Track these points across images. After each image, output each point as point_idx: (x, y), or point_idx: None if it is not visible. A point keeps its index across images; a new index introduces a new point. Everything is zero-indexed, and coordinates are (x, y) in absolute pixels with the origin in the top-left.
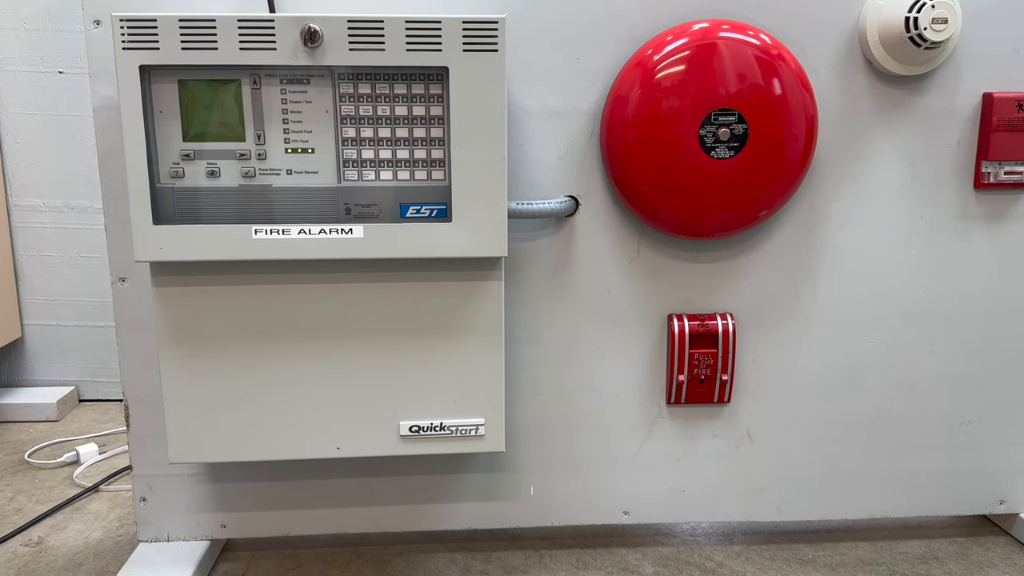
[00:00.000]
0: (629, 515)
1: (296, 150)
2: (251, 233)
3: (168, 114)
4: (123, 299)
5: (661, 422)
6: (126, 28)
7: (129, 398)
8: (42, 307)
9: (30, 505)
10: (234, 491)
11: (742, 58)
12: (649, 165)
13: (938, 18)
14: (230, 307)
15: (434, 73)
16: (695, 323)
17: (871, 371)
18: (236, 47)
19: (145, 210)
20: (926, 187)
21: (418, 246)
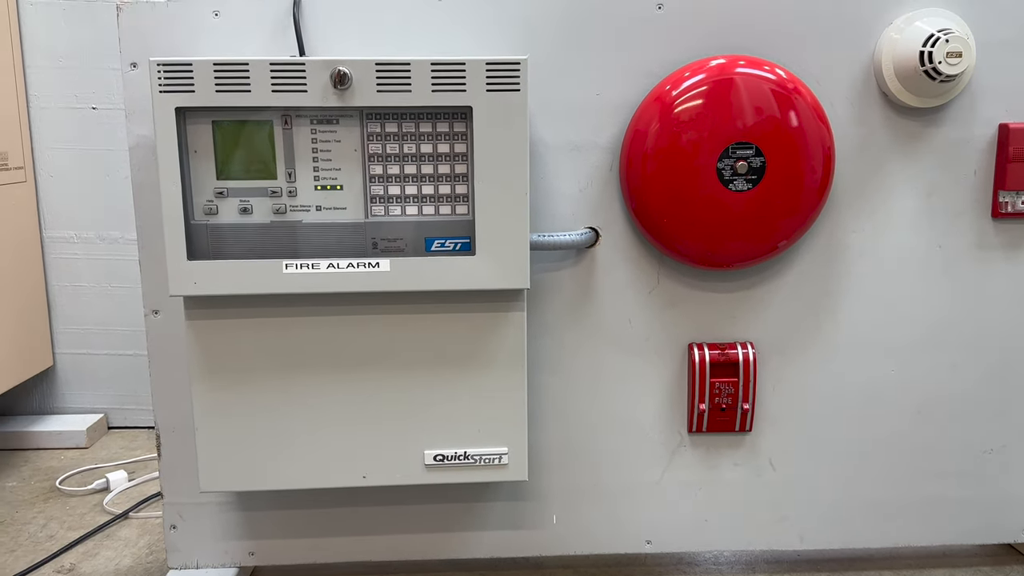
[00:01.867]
0: (652, 544)
1: (325, 187)
2: (282, 267)
3: (202, 153)
4: (156, 331)
5: (683, 451)
6: (163, 72)
7: (161, 427)
8: (73, 336)
9: (62, 532)
10: (262, 519)
11: (759, 93)
12: (668, 197)
13: (952, 52)
14: (261, 339)
15: (458, 112)
16: (716, 352)
17: (892, 399)
18: (268, 89)
19: (180, 246)
20: (944, 217)
21: (442, 279)
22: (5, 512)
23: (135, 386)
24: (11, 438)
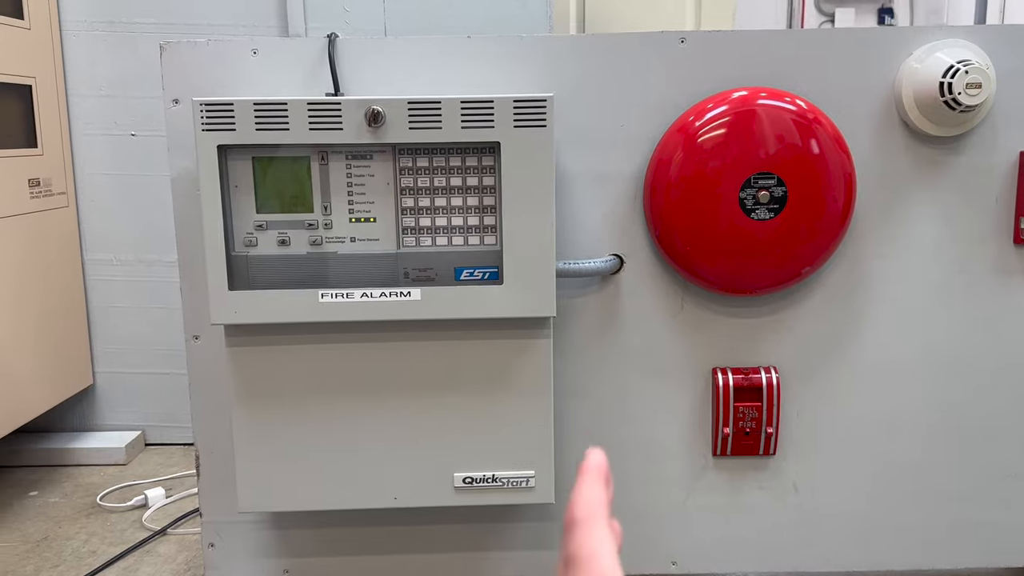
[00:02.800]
0: (677, 565)
1: (359, 219)
2: (318, 297)
3: (243, 188)
4: (196, 355)
5: (707, 474)
6: (206, 111)
7: (200, 448)
8: (112, 355)
9: (103, 547)
10: (296, 538)
11: (780, 123)
12: (691, 225)
13: (972, 83)
14: (298, 365)
15: (487, 147)
16: (739, 377)
17: (915, 423)
18: (306, 128)
19: (221, 276)
20: (965, 243)
21: (472, 307)
22: (49, 527)
23: (171, 404)
24: (53, 455)
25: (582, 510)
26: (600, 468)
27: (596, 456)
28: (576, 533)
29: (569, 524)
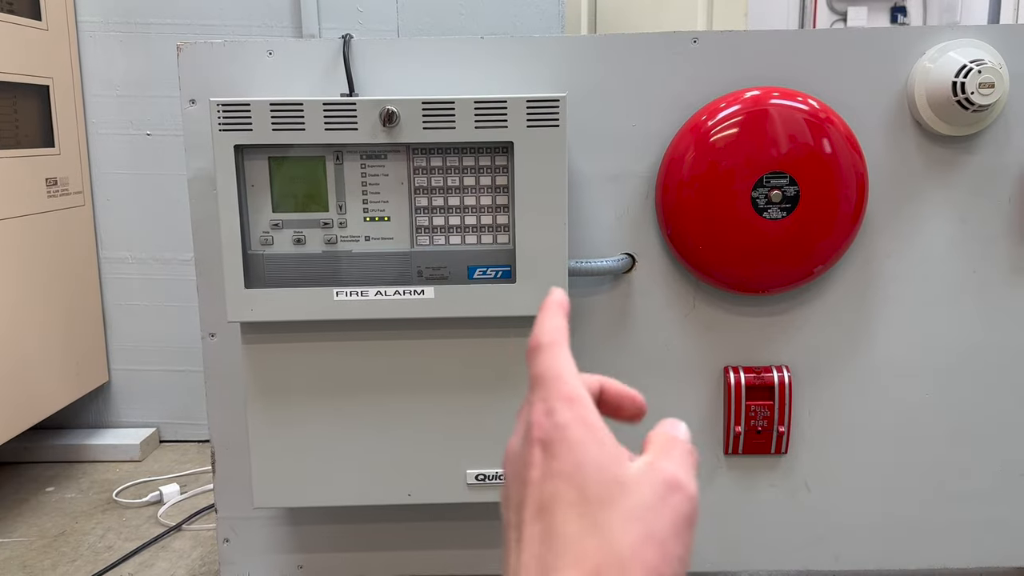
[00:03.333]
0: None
1: (374, 218)
2: (332, 295)
3: (259, 188)
4: (212, 353)
5: (719, 472)
6: (223, 112)
7: (216, 445)
8: (128, 353)
9: (119, 543)
10: (311, 533)
11: (792, 123)
12: (703, 224)
13: (985, 83)
14: (313, 363)
15: (500, 147)
16: (751, 375)
17: (927, 422)
18: (321, 128)
19: (238, 275)
20: (978, 242)
21: (484, 305)
22: (66, 523)
23: (186, 401)
24: (69, 451)
25: (546, 336)
26: (561, 303)
27: (558, 293)
28: (542, 356)
29: (534, 349)
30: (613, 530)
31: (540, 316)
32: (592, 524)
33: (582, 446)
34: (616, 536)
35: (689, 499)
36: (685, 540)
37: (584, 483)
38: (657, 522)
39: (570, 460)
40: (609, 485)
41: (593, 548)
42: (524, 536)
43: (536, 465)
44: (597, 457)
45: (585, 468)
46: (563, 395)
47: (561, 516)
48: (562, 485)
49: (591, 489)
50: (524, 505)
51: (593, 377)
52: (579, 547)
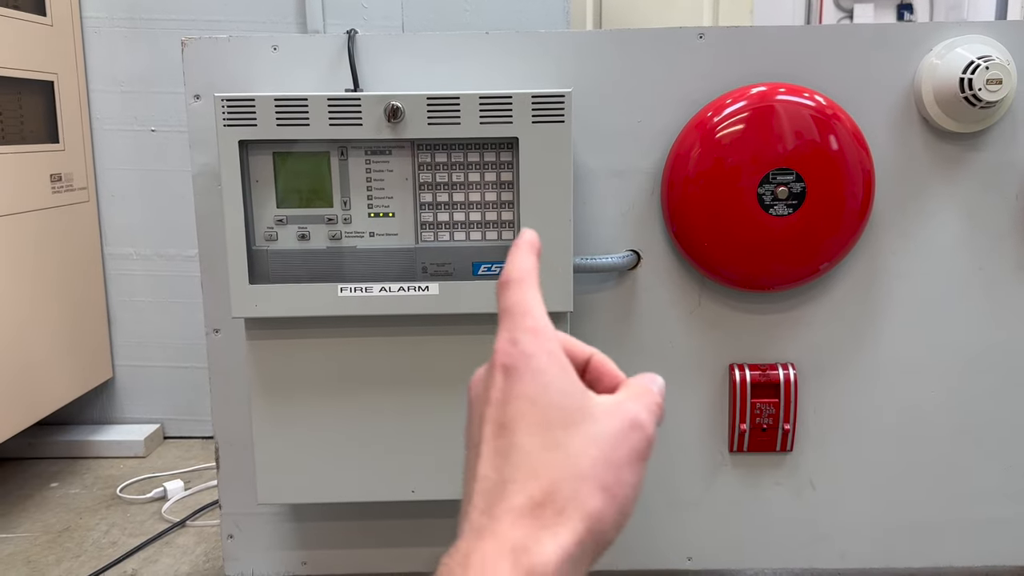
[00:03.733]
0: (693, 560)
1: (378, 214)
2: (337, 291)
3: (263, 183)
4: (216, 349)
5: (724, 470)
6: (227, 107)
7: (220, 441)
8: (132, 349)
9: (123, 538)
10: (315, 530)
11: (799, 119)
12: (708, 221)
13: (992, 79)
14: (317, 359)
15: (505, 143)
16: (757, 373)
17: (933, 420)
18: (326, 123)
19: (242, 270)
20: (985, 239)
21: (489, 302)
22: (71, 518)
23: (190, 398)
24: (73, 447)
25: (516, 273)
26: (532, 242)
27: (529, 233)
28: (510, 291)
29: (503, 284)
30: (573, 449)
31: (511, 255)
32: (553, 442)
33: (546, 374)
34: (575, 454)
35: (647, 438)
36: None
37: (548, 406)
38: (615, 451)
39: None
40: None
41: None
42: (483, 451)
43: (499, 387)
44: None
45: (549, 393)
46: (529, 327)
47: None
48: (525, 405)
49: (554, 412)
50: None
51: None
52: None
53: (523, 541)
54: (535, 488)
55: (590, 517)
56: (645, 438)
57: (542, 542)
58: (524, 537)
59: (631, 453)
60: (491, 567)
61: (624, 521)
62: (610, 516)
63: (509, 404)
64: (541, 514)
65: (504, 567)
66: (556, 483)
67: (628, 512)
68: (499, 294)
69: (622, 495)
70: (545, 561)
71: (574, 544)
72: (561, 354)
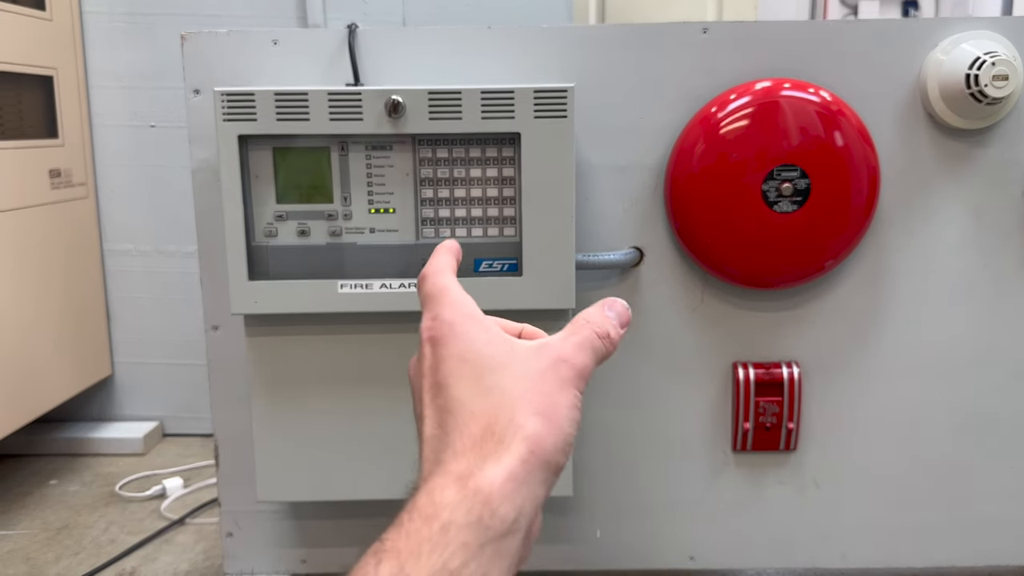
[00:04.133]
0: (695, 560)
1: (379, 210)
2: (337, 287)
3: (263, 179)
4: (215, 346)
5: (727, 469)
6: (226, 101)
7: (219, 439)
8: (131, 346)
9: (122, 536)
10: (314, 528)
11: (804, 115)
12: (712, 217)
13: (999, 75)
14: (317, 356)
15: (507, 138)
16: (760, 371)
17: (938, 419)
18: (326, 117)
19: (241, 267)
20: (991, 237)
21: (490, 298)
22: (69, 516)
23: (189, 395)
24: (72, 444)
25: (432, 268)
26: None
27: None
28: (428, 281)
29: (422, 278)
30: (504, 387)
31: (431, 257)
32: (485, 387)
33: (469, 333)
34: (506, 390)
35: (573, 368)
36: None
37: (476, 358)
38: (543, 382)
39: (460, 345)
40: (499, 356)
41: (486, 403)
42: (426, 414)
43: (429, 357)
44: (486, 338)
45: (475, 346)
46: (446, 302)
47: (456, 388)
48: (455, 363)
49: (483, 361)
50: (423, 392)
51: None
52: (474, 404)
53: (468, 468)
54: (474, 427)
55: (529, 438)
56: (571, 368)
57: (486, 467)
58: (468, 465)
59: (558, 381)
60: (439, 495)
61: (565, 443)
62: (549, 436)
63: (440, 367)
64: (483, 445)
65: (450, 493)
66: (493, 417)
67: (568, 433)
68: (419, 289)
69: (557, 416)
70: (490, 481)
71: (518, 464)
72: (480, 315)
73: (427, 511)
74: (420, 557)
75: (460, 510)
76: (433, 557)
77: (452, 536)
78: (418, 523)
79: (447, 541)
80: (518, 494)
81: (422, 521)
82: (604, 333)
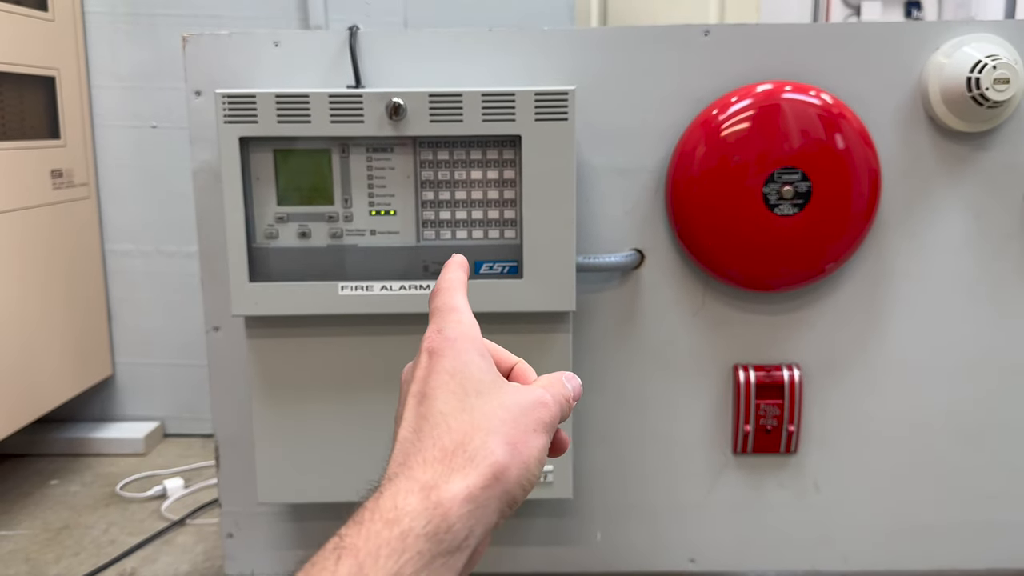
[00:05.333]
0: (695, 562)
1: (380, 212)
2: (338, 289)
3: (264, 180)
4: (216, 347)
5: (727, 471)
6: (228, 103)
7: (220, 439)
8: (132, 346)
9: (122, 537)
10: (315, 529)
11: (805, 118)
12: (713, 220)
13: (1000, 78)
14: (317, 357)
15: (507, 140)
16: (761, 374)
17: (939, 422)
18: (327, 120)
19: (242, 268)
20: (992, 240)
21: (491, 301)
22: (70, 516)
23: (190, 396)
24: (73, 444)
25: (444, 283)
26: (461, 263)
27: (459, 256)
28: (439, 296)
29: (434, 292)
30: (485, 411)
31: (442, 272)
32: (468, 406)
33: (466, 354)
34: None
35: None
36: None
37: (465, 379)
38: (523, 417)
39: (454, 362)
40: (488, 384)
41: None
42: (405, 417)
43: (423, 366)
44: (479, 363)
45: (468, 368)
46: (453, 320)
47: (440, 400)
48: (445, 377)
49: (470, 384)
50: (408, 397)
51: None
52: (453, 419)
53: (433, 479)
54: (448, 440)
55: (496, 465)
56: (549, 415)
57: (451, 481)
58: (435, 476)
59: (536, 421)
60: (402, 500)
61: (528, 480)
62: (515, 469)
63: (431, 378)
64: (452, 459)
65: (413, 500)
66: (467, 435)
67: (532, 473)
68: (430, 300)
69: (526, 453)
70: (452, 496)
71: (479, 487)
72: (482, 343)
73: (389, 515)
74: (378, 560)
75: (420, 520)
76: (390, 562)
77: (410, 543)
78: (379, 525)
79: (404, 547)
80: (473, 516)
81: (383, 524)
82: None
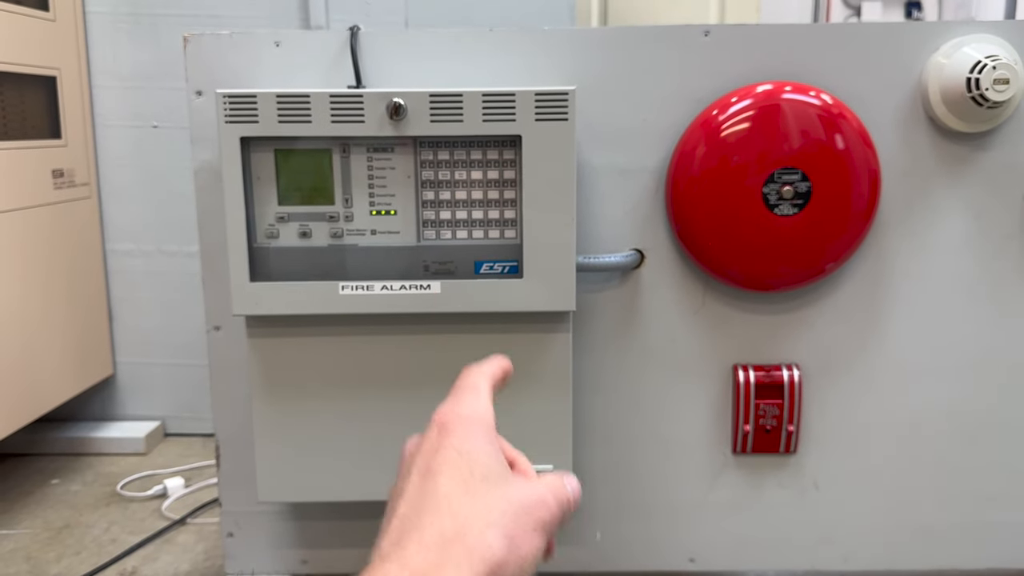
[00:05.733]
0: (695, 562)
1: (380, 212)
2: (338, 289)
3: (265, 180)
4: (217, 346)
5: (727, 471)
6: (229, 103)
7: (220, 438)
8: (132, 345)
9: (123, 536)
10: (315, 529)
11: (805, 118)
12: (713, 220)
13: (999, 79)
14: (318, 357)
15: (508, 140)
16: (761, 373)
17: (938, 422)
18: (328, 120)
19: (243, 268)
20: (992, 240)
21: (491, 301)
22: (71, 515)
23: (190, 395)
24: (74, 443)
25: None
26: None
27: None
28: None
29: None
30: (489, 500)
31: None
32: (472, 490)
33: (477, 435)
34: (490, 505)
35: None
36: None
37: (473, 461)
38: (526, 513)
39: (464, 441)
40: (495, 471)
41: (467, 505)
42: (406, 491)
43: (432, 440)
44: (489, 449)
45: (478, 451)
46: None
47: (445, 478)
48: (452, 455)
49: (478, 468)
50: (412, 470)
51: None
52: (456, 502)
53: (425, 570)
54: (448, 525)
55: (492, 561)
56: (550, 515)
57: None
58: (427, 566)
59: (537, 521)
60: None
61: None
62: (512, 566)
63: (438, 453)
64: (449, 549)
65: None
66: (468, 523)
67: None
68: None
69: (524, 552)
70: None
71: None
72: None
73: None
74: None
75: None
76: None
77: None
78: None
79: None
80: None
81: None
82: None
